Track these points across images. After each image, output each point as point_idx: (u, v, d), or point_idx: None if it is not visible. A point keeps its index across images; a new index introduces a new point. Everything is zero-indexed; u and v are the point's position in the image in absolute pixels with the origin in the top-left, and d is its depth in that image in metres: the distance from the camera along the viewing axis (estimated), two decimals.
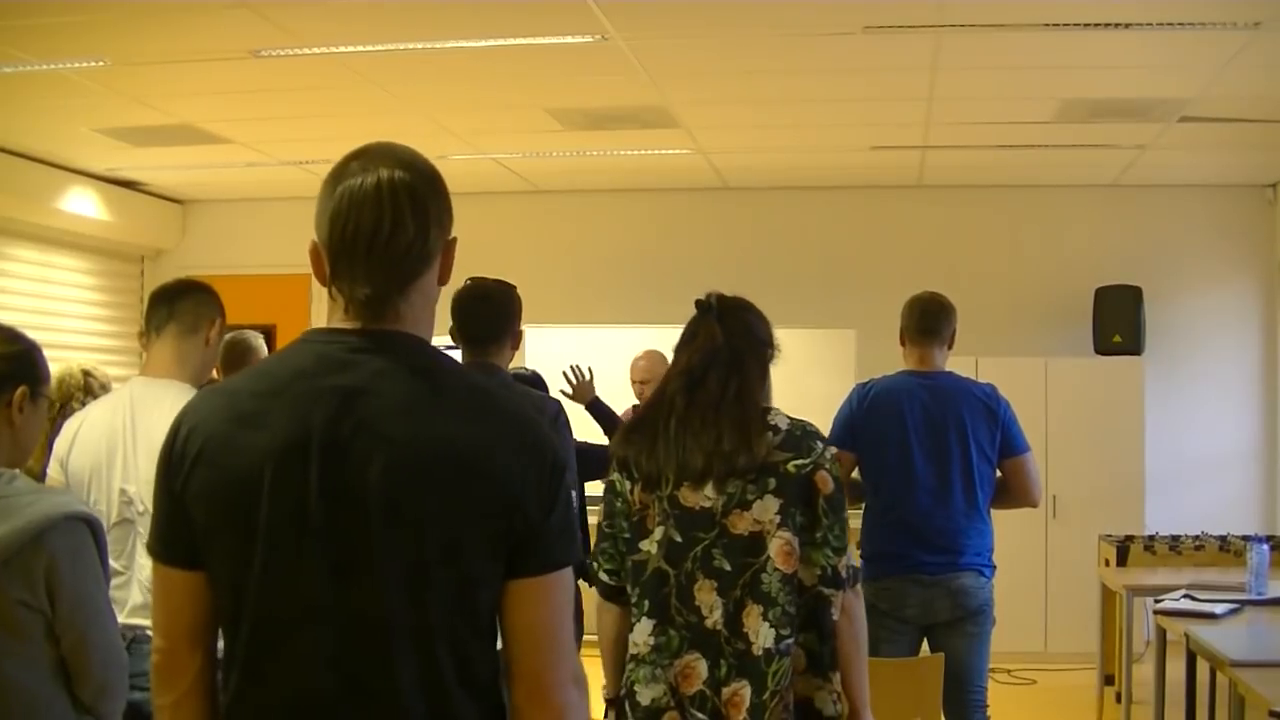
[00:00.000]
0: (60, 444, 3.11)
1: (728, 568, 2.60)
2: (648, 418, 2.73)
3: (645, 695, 2.60)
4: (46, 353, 2.57)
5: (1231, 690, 3.92)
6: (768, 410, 2.73)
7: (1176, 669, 4.84)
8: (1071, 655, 7.31)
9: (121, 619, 2.73)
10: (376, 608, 1.59)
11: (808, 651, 2.65)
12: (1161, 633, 5.04)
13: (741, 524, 2.61)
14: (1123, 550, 6.38)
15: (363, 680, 1.60)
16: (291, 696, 1.61)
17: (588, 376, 4.98)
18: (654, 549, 2.65)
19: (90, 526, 2.37)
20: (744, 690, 2.55)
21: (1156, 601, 4.96)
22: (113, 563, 2.80)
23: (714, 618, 2.59)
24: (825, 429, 4.30)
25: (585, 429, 5.14)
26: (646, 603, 2.65)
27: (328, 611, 1.60)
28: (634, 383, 6.08)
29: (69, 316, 8.38)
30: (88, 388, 3.89)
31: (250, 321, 5.50)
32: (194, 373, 3.16)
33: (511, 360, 3.75)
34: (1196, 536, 6.59)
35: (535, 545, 1.64)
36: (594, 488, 5.00)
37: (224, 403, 1.68)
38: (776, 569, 2.59)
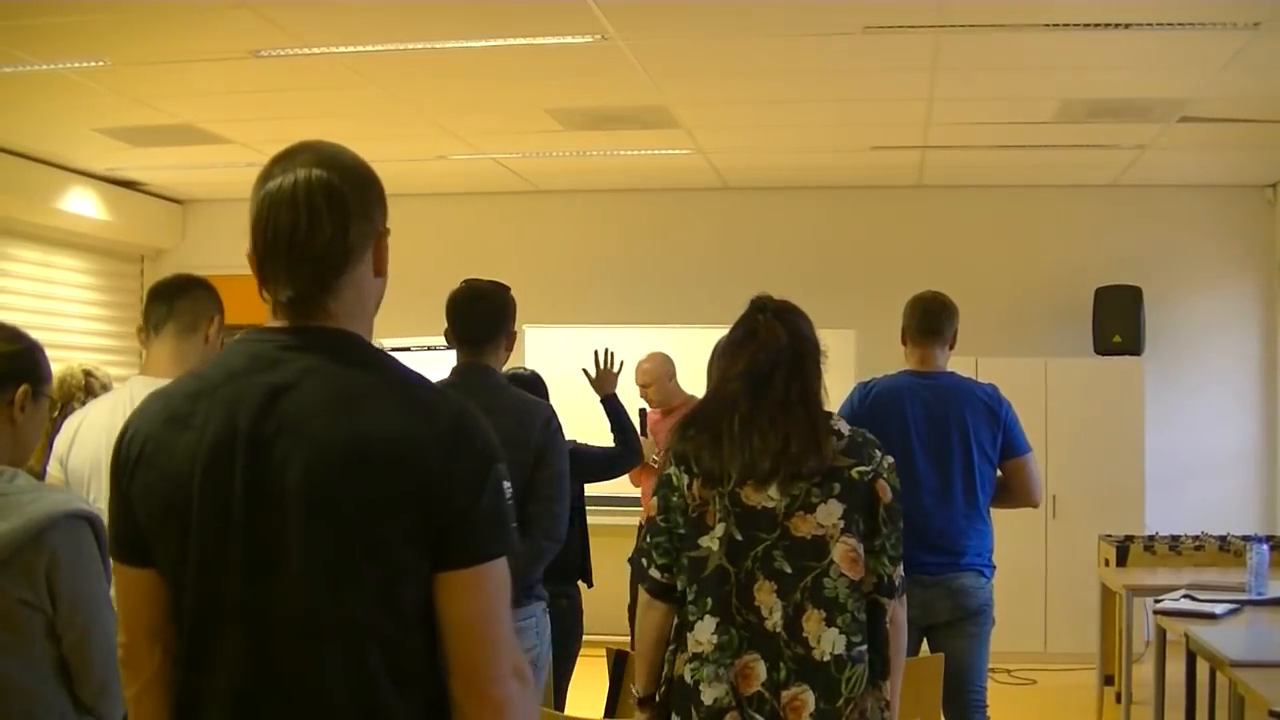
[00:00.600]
0: (60, 443, 3.10)
1: (788, 570, 2.57)
2: (708, 415, 2.69)
3: (709, 694, 2.56)
4: (47, 352, 2.56)
5: (1231, 690, 3.93)
6: (829, 415, 2.72)
7: (1176, 669, 4.84)
8: (1071, 655, 7.31)
9: None
10: (296, 604, 1.61)
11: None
12: (1161, 633, 5.04)
13: (805, 527, 2.58)
14: (1122, 550, 6.37)
15: (286, 676, 1.62)
16: (224, 691, 1.65)
17: (616, 368, 4.81)
18: (715, 545, 2.61)
19: (91, 525, 2.36)
20: (805, 695, 2.52)
21: (1156, 601, 4.96)
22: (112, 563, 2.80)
23: (774, 619, 2.56)
24: None
25: (588, 429, 5.12)
26: (709, 600, 2.60)
27: (248, 609, 1.63)
28: (638, 385, 6.06)
29: (69, 316, 8.39)
30: (88, 387, 3.89)
31: (250, 321, 5.47)
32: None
33: (506, 361, 3.73)
34: (1196, 536, 6.59)
35: (462, 537, 1.63)
36: (596, 489, 5.00)
37: (162, 405, 1.73)
38: (843, 574, 2.57)
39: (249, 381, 1.67)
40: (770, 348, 2.69)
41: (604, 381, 4.76)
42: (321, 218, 1.68)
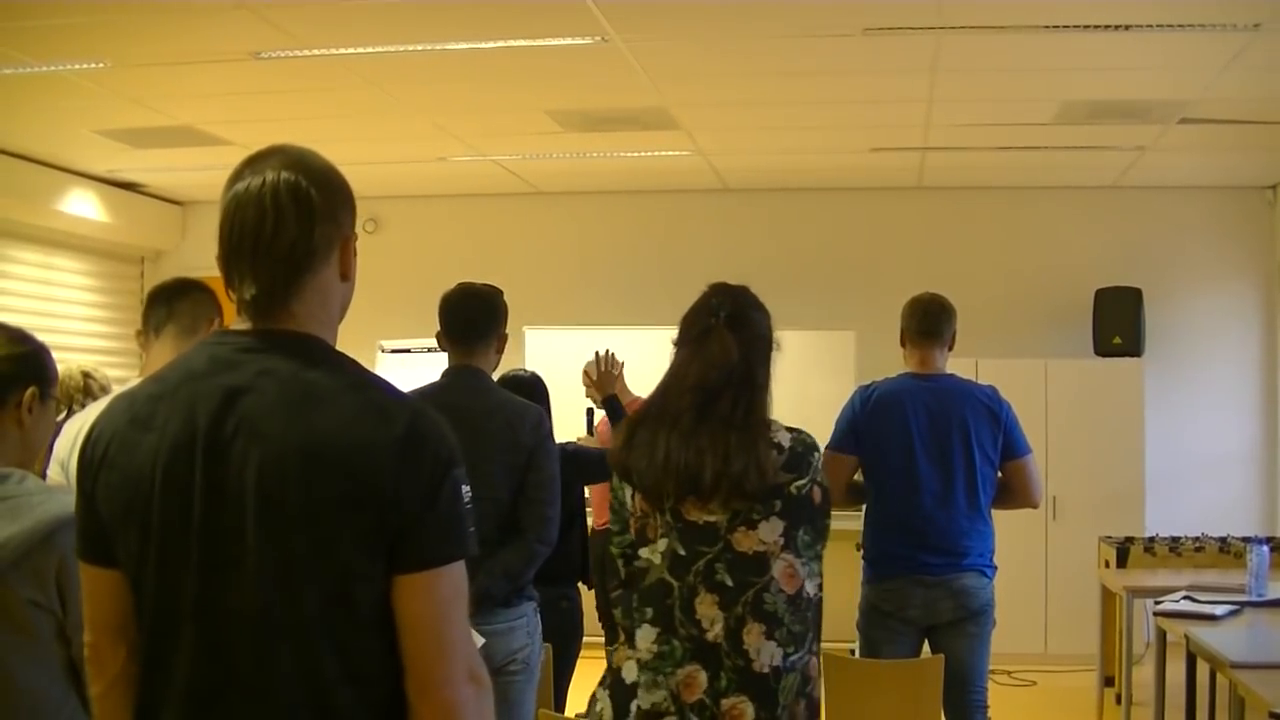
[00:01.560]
0: (61, 446, 3.10)
1: (730, 583, 2.61)
2: (649, 424, 2.70)
3: (646, 700, 2.62)
4: None
5: (1231, 692, 3.93)
6: (770, 423, 2.71)
7: (1176, 670, 4.84)
8: (1071, 657, 7.31)
9: None
10: (250, 603, 1.63)
11: (815, 657, 2.69)
12: (1161, 634, 5.04)
13: (747, 542, 2.62)
14: (1123, 551, 6.37)
15: (240, 675, 1.64)
16: (182, 690, 1.66)
17: (616, 370, 4.81)
18: (656, 559, 2.66)
19: None
20: (744, 705, 2.58)
21: (1156, 603, 4.96)
22: None
23: (715, 631, 2.60)
24: (825, 431, 4.33)
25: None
26: (650, 610, 2.65)
27: (205, 607, 1.65)
28: (584, 385, 5.90)
29: (69, 318, 8.38)
30: (88, 389, 3.89)
31: None
32: None
33: (497, 365, 3.72)
34: (1196, 538, 6.59)
35: (415, 540, 1.64)
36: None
37: (125, 406, 1.75)
38: (782, 590, 2.61)
39: (207, 383, 1.69)
40: (721, 364, 2.67)
41: (603, 382, 4.77)
42: (287, 218, 1.71)
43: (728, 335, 2.70)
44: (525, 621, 3.53)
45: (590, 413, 6.05)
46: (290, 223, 1.70)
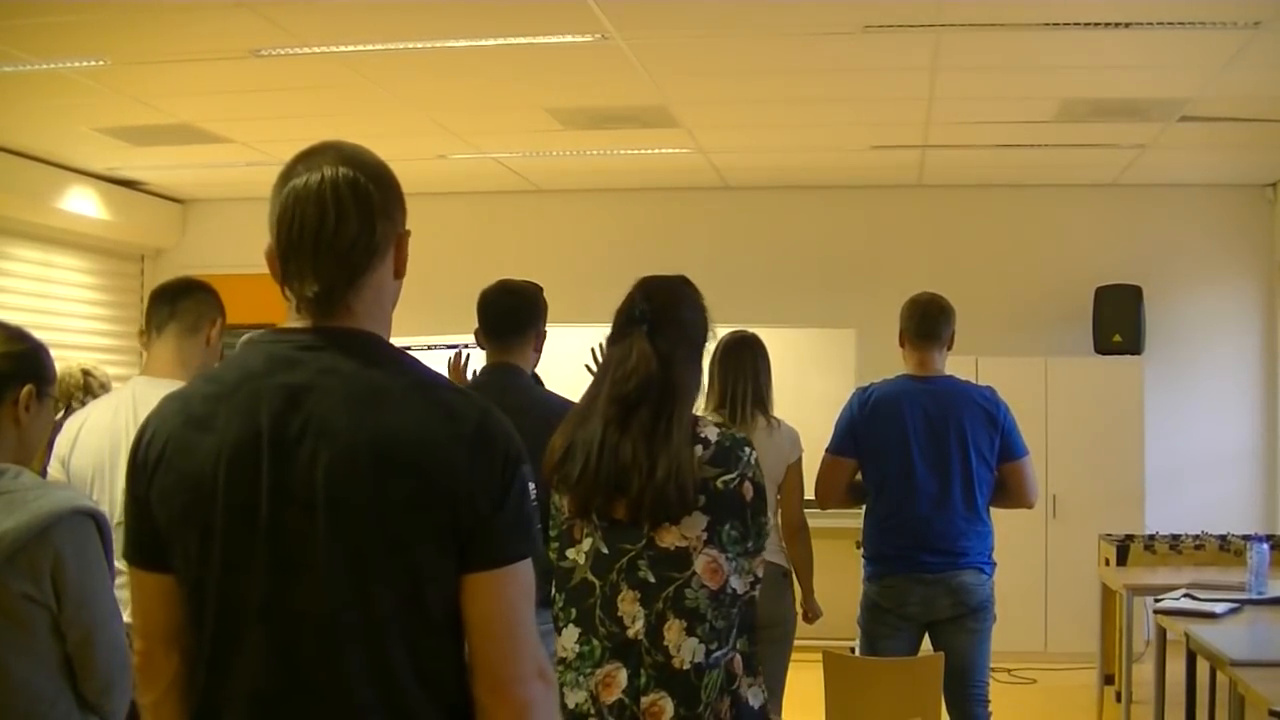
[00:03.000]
0: (62, 443, 3.10)
1: (652, 580, 2.59)
2: (579, 435, 2.67)
3: (570, 699, 2.61)
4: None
5: (1231, 690, 3.93)
6: (697, 420, 2.69)
7: (1176, 668, 4.85)
8: (1071, 655, 7.31)
9: (126, 617, 2.73)
10: (321, 604, 1.61)
11: (742, 655, 2.64)
12: (1161, 632, 5.04)
13: (669, 538, 2.59)
14: (1123, 550, 6.37)
15: (311, 676, 1.62)
16: (248, 693, 1.64)
17: None
18: (581, 559, 2.65)
19: (97, 522, 2.36)
20: (664, 701, 2.55)
21: (1156, 601, 4.96)
22: (116, 562, 2.80)
23: (635, 628, 2.58)
24: (825, 430, 4.34)
25: None
26: (573, 610, 2.64)
27: (274, 608, 1.63)
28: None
29: (69, 316, 8.38)
30: (87, 387, 3.89)
31: (250, 321, 5.48)
32: (195, 372, 3.15)
33: (536, 363, 3.66)
34: (1196, 536, 6.59)
35: (486, 539, 1.64)
36: None
37: (179, 407, 1.72)
38: (704, 585, 2.58)
39: (268, 382, 1.66)
40: (639, 376, 2.64)
41: None
42: (349, 214, 1.69)
43: (646, 345, 2.67)
44: None
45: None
46: (352, 220, 1.68)
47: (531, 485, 1.69)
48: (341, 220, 1.68)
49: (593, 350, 4.89)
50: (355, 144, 1.77)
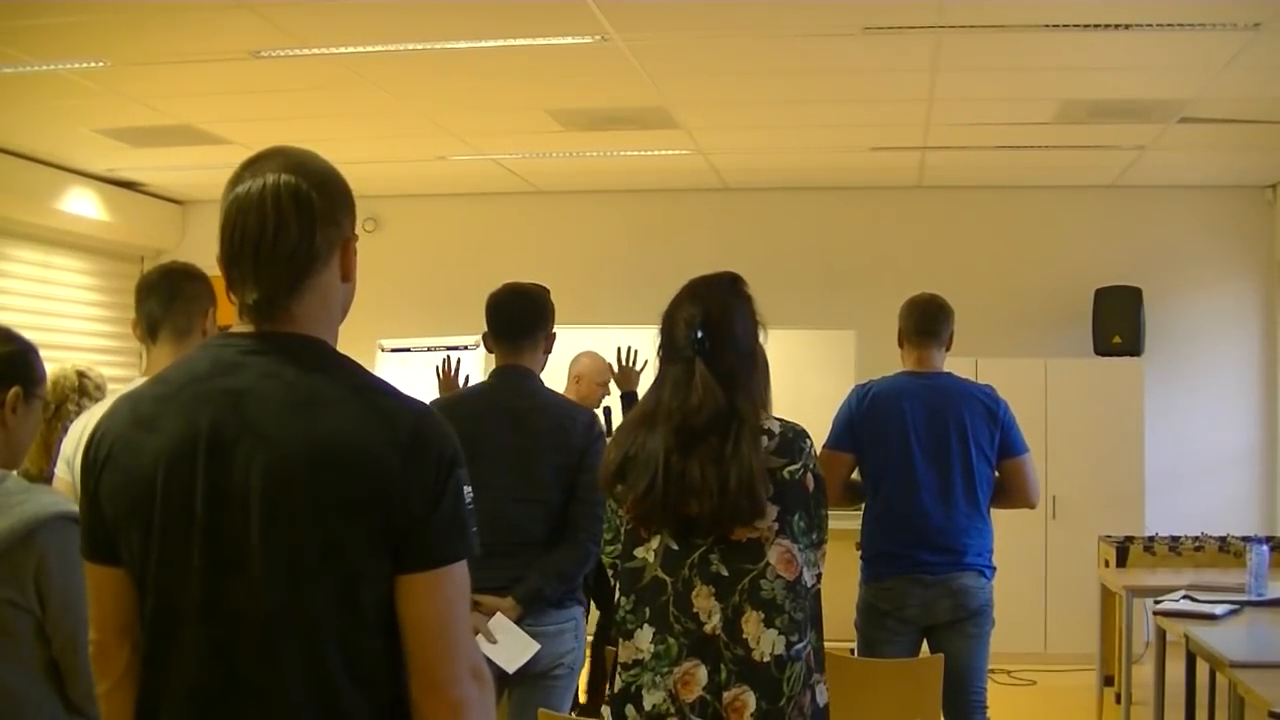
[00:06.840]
0: (67, 445, 3.10)
1: (725, 573, 2.59)
2: (637, 466, 2.63)
3: (648, 700, 2.60)
4: (46, 353, 2.55)
5: (1231, 691, 3.92)
6: (761, 420, 2.67)
7: (1176, 670, 4.84)
8: (1071, 656, 7.31)
9: None
10: (257, 605, 1.64)
11: (814, 650, 2.65)
12: (1161, 634, 5.04)
13: (740, 531, 2.59)
14: (1122, 551, 6.37)
15: (247, 676, 1.65)
16: (185, 690, 1.68)
17: (639, 367, 4.80)
18: (651, 557, 2.64)
19: None
20: (746, 696, 2.54)
21: (1156, 602, 4.96)
22: None
23: (712, 623, 2.58)
24: (824, 429, 4.34)
25: None
26: (646, 610, 2.63)
27: (210, 608, 1.66)
28: (571, 377, 5.85)
29: (69, 317, 8.39)
30: (82, 388, 3.87)
31: None
32: None
33: (545, 365, 3.65)
34: (1196, 537, 6.59)
35: (421, 540, 1.66)
36: None
37: (129, 407, 1.77)
38: (779, 576, 2.58)
39: (210, 386, 1.70)
40: (708, 411, 2.60)
41: (626, 377, 4.79)
42: (288, 221, 1.71)
43: (708, 374, 2.63)
44: (574, 625, 3.49)
45: (608, 412, 6.04)
46: (291, 227, 1.71)
47: (468, 488, 1.71)
48: (281, 228, 1.71)
49: (618, 350, 4.85)
50: (304, 150, 1.78)
